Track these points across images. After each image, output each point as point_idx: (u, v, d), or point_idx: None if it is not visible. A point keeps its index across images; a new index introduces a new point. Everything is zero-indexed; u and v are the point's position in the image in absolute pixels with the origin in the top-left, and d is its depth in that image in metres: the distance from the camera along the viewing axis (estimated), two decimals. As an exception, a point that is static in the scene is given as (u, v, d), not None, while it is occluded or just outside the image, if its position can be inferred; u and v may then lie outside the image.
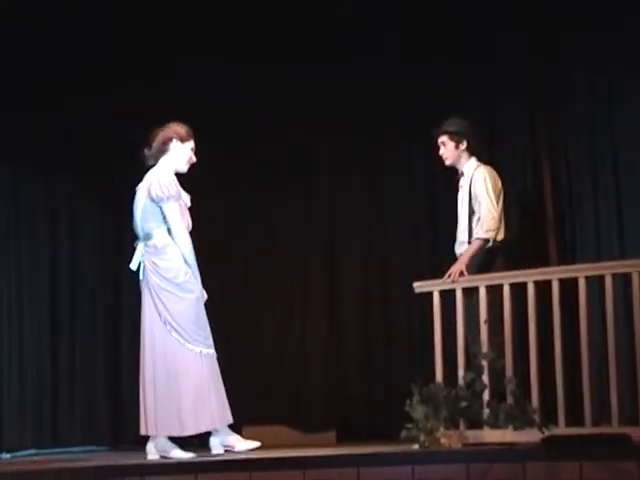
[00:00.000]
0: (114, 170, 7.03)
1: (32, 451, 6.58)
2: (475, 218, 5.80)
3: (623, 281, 5.54)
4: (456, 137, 5.82)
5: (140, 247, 5.33)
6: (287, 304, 7.20)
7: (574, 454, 4.41)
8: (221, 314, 7.17)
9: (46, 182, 7.15)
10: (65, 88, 7.03)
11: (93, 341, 7.07)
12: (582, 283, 5.41)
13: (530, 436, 5.06)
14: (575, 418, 5.35)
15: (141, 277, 5.36)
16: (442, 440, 5.19)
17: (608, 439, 4.71)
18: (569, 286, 5.49)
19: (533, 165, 6.86)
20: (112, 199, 7.02)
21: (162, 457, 5.17)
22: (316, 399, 7.02)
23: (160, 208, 5.28)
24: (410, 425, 5.16)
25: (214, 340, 5.36)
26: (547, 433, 4.99)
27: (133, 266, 5.35)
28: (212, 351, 5.30)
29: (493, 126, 7.00)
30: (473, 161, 5.87)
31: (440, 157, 5.94)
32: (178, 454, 5.19)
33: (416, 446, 5.14)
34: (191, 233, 5.36)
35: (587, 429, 5.23)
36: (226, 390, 5.42)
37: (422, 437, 5.14)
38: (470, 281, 5.70)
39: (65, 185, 7.18)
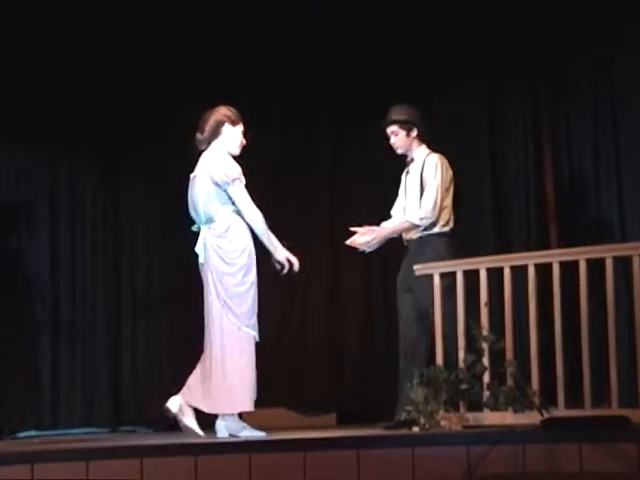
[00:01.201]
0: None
1: (33, 433, 6.61)
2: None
3: (624, 264, 5.54)
4: (406, 126, 5.78)
5: (204, 230, 5.40)
6: (288, 288, 7.20)
7: (573, 436, 4.45)
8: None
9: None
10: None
11: (93, 322, 7.07)
12: (583, 266, 5.42)
13: (530, 418, 5.08)
14: (575, 400, 5.37)
15: (201, 260, 5.41)
16: (442, 422, 5.22)
17: (607, 421, 4.73)
18: (569, 269, 5.49)
19: (534, 149, 6.87)
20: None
21: (231, 436, 5.28)
22: (316, 381, 7.04)
23: (225, 191, 5.35)
24: (410, 407, 5.18)
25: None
26: (547, 415, 5.00)
27: (198, 250, 5.41)
28: (257, 335, 5.43)
29: (493, 111, 6.99)
30: (424, 148, 5.84)
31: (391, 147, 5.89)
32: (248, 433, 5.29)
33: (416, 428, 5.16)
34: None
35: (587, 411, 5.25)
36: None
37: (422, 419, 5.16)
38: (470, 264, 5.71)
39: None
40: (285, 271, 5.48)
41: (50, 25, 6.83)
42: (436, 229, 5.72)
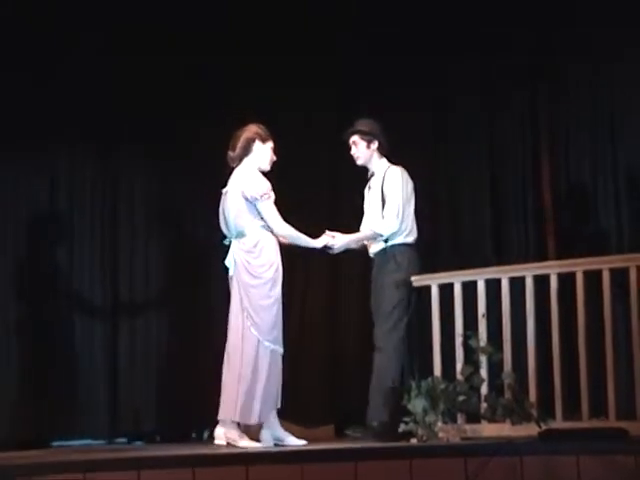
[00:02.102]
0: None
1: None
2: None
3: (621, 276, 5.55)
4: (367, 137, 5.80)
5: (234, 244, 5.57)
6: (286, 298, 7.20)
7: (571, 448, 4.45)
8: (220, 309, 7.23)
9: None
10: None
11: (91, 332, 7.05)
12: (580, 277, 5.44)
13: (527, 430, 5.10)
14: (572, 412, 5.37)
15: (231, 273, 5.57)
16: (440, 434, 5.22)
17: (605, 433, 4.74)
18: (567, 280, 5.51)
19: (532, 160, 6.88)
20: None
21: (229, 445, 5.41)
22: (315, 393, 7.03)
23: (255, 207, 5.52)
24: (408, 419, 5.19)
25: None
26: (544, 427, 5.01)
27: (228, 263, 5.58)
28: (282, 350, 5.55)
29: (493, 124, 7.01)
30: (384, 161, 5.86)
31: (352, 157, 5.91)
32: (246, 443, 5.38)
33: (414, 440, 5.16)
34: None
35: (584, 423, 5.26)
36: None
37: (420, 431, 5.16)
38: (468, 275, 5.73)
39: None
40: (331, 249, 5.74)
41: (50, 25, 6.81)
42: (398, 241, 5.73)
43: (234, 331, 5.51)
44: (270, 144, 5.69)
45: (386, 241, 5.72)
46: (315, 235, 5.82)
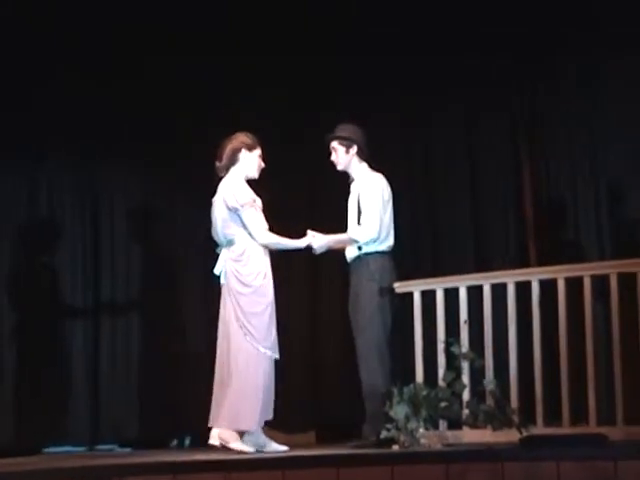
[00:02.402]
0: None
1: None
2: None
3: (602, 282, 5.58)
4: (346, 142, 5.79)
5: (223, 253, 5.60)
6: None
7: (552, 454, 4.45)
8: (201, 313, 7.21)
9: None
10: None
11: (71, 339, 7.03)
12: (561, 284, 5.47)
13: (509, 436, 5.11)
14: (553, 418, 5.40)
15: (222, 281, 5.59)
16: (422, 440, 5.22)
17: (586, 439, 4.75)
18: (549, 287, 5.53)
19: (514, 167, 6.91)
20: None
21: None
22: (296, 400, 7.02)
23: (238, 216, 5.54)
24: (390, 426, 5.19)
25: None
26: (526, 433, 5.02)
27: (217, 271, 5.61)
28: (277, 355, 5.58)
29: (475, 127, 7.03)
30: (364, 167, 5.84)
31: (332, 162, 5.90)
32: (239, 446, 5.38)
33: (396, 446, 5.16)
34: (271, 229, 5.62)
35: (565, 429, 5.28)
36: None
37: (402, 437, 5.16)
38: (450, 282, 5.74)
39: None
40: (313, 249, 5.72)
41: (50, 25, 6.79)
42: (372, 248, 5.69)
43: (227, 339, 5.51)
44: (257, 152, 5.69)
45: (360, 248, 5.71)
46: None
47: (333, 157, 5.86)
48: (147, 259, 7.23)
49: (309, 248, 5.72)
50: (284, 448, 5.50)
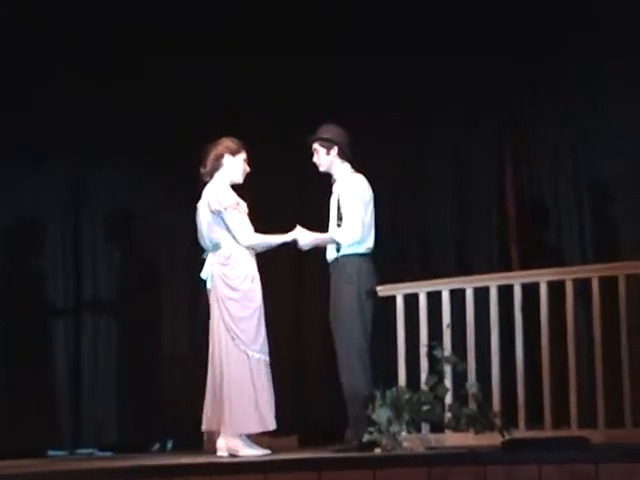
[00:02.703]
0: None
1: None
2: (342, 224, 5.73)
3: (584, 286, 5.61)
4: (327, 144, 5.79)
5: (210, 257, 5.60)
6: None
7: (534, 457, 4.47)
8: (183, 316, 7.21)
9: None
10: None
11: (52, 341, 7.00)
12: (543, 288, 5.49)
13: (491, 439, 5.13)
14: (535, 421, 5.41)
15: (209, 286, 5.60)
16: (404, 444, 5.23)
17: (567, 442, 4.78)
18: (531, 290, 5.55)
19: (496, 171, 6.93)
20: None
21: (231, 455, 5.39)
22: (279, 403, 7.01)
23: (222, 219, 5.54)
24: (372, 429, 5.19)
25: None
26: (508, 436, 5.04)
27: (204, 275, 5.61)
28: (268, 358, 5.57)
29: (459, 137, 7.05)
30: (345, 168, 5.83)
31: (314, 164, 5.90)
32: (249, 451, 5.39)
33: (378, 450, 5.16)
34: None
35: (547, 432, 5.31)
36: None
37: (384, 441, 5.16)
38: (433, 285, 5.75)
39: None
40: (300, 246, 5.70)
41: (50, 25, 6.78)
42: (350, 250, 5.68)
43: (217, 344, 5.52)
44: (242, 156, 5.69)
45: (338, 250, 5.70)
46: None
47: (315, 158, 5.86)
48: (129, 261, 7.22)
49: (295, 243, 5.70)
50: (262, 452, 5.46)
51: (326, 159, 5.81)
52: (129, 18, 6.92)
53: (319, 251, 5.85)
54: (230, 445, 5.42)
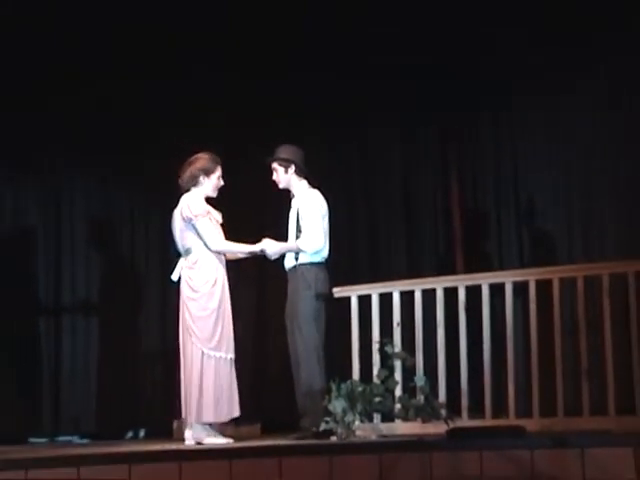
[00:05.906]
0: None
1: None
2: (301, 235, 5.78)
3: (522, 287, 5.73)
4: (284, 163, 5.87)
5: (181, 261, 5.66)
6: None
7: (475, 444, 4.55)
8: (155, 315, 7.23)
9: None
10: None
11: (34, 337, 6.99)
12: (485, 289, 5.58)
13: (437, 428, 5.20)
14: (477, 411, 5.51)
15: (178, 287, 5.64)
16: (358, 432, 5.29)
17: (505, 431, 4.87)
18: (473, 291, 5.66)
19: (442, 183, 7.06)
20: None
21: (197, 443, 5.44)
22: (243, 395, 7.06)
23: (193, 226, 5.57)
24: (329, 419, 5.26)
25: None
26: (452, 425, 5.13)
27: (174, 277, 5.66)
28: (229, 355, 5.59)
29: (406, 150, 7.16)
30: (303, 185, 5.89)
31: (274, 182, 5.96)
32: (212, 440, 5.45)
33: (334, 438, 5.24)
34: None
35: (487, 421, 5.40)
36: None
37: (340, 430, 5.23)
38: (384, 287, 5.83)
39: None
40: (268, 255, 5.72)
41: (50, 25, 6.70)
42: (307, 259, 5.73)
43: (182, 342, 5.59)
44: (216, 174, 5.71)
45: (297, 259, 5.77)
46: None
47: (274, 177, 5.93)
48: (107, 264, 7.22)
49: (264, 252, 5.74)
50: (226, 440, 5.52)
51: (285, 177, 5.87)
52: (129, 18, 6.79)
53: (280, 259, 5.91)
54: (195, 434, 5.48)
